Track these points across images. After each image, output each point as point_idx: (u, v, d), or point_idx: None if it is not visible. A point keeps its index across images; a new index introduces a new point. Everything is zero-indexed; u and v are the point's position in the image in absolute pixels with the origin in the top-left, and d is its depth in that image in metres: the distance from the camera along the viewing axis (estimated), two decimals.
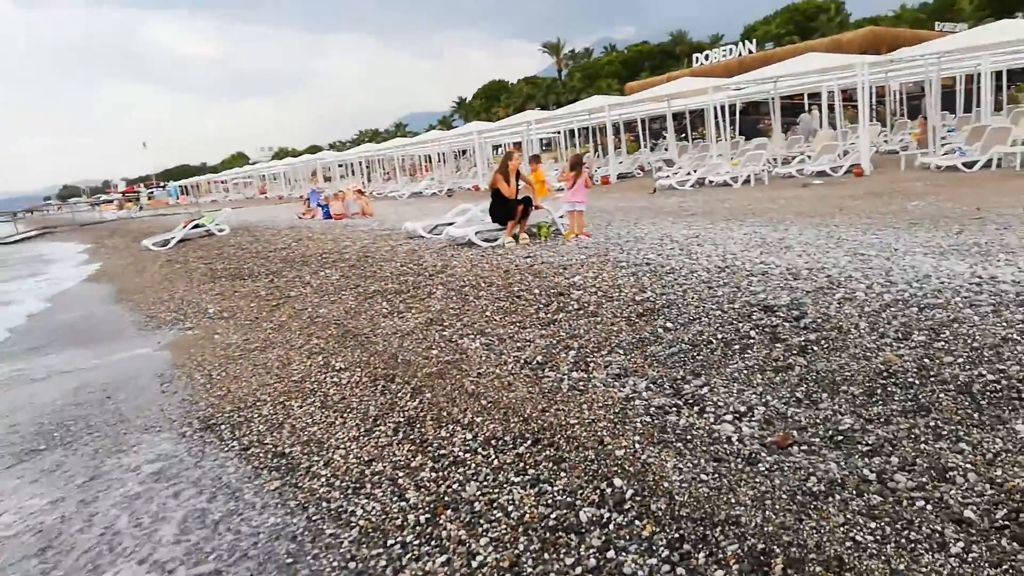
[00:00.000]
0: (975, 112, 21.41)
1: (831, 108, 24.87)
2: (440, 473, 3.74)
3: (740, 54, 42.89)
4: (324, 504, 3.67)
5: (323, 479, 3.95)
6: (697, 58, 47.16)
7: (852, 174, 16.52)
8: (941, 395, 3.56)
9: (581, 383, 4.49)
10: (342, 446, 4.32)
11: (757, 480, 3.06)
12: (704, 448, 3.42)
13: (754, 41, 46.50)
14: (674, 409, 3.93)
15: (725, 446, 3.43)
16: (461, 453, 3.88)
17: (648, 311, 5.57)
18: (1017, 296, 4.65)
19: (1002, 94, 23.85)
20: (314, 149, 79.44)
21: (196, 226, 19.39)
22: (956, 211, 9.75)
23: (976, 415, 3.35)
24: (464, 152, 44.03)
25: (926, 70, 20.01)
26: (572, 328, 5.57)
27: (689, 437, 3.56)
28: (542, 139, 39.89)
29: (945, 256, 6.51)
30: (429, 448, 4.03)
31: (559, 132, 35.56)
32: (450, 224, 11.69)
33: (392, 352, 5.86)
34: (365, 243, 12.62)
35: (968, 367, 3.76)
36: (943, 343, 4.10)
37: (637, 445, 3.51)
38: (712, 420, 3.74)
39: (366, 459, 4.08)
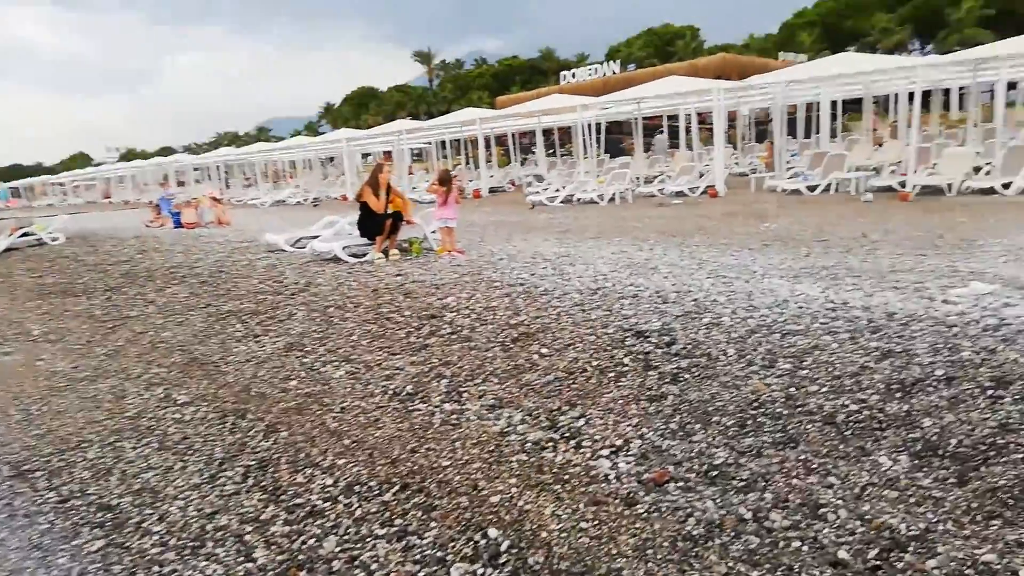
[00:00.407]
0: (815, 138, 23.24)
1: (688, 130, 26.21)
2: (295, 527, 3.36)
3: (605, 74, 44.49)
4: (156, 569, 3.19)
5: (156, 537, 3.45)
6: (565, 76, 48.47)
7: (708, 195, 17.39)
8: (808, 426, 3.61)
9: (454, 416, 4.24)
10: (181, 496, 3.81)
11: (637, 526, 2.93)
12: (582, 489, 3.26)
13: (618, 62, 48.41)
14: (551, 444, 3.76)
15: (603, 485, 3.29)
16: (320, 502, 3.52)
17: (523, 336, 5.41)
18: (869, 323, 4.88)
19: (837, 122, 26.07)
20: (167, 151, 74.50)
21: (25, 234, 17.39)
22: (803, 234, 10.39)
23: (841, 446, 3.41)
24: (332, 159, 42.73)
25: (773, 97, 21.49)
26: (445, 354, 5.31)
27: (567, 477, 3.40)
28: (413, 149, 39.44)
29: (799, 279, 6.82)
30: (283, 497, 3.63)
31: (430, 143, 35.28)
32: (315, 237, 11.10)
33: (244, 383, 5.35)
34: (219, 256, 11.75)
35: (832, 396, 3.85)
36: (807, 371, 4.20)
37: (514, 489, 3.30)
38: (589, 456, 3.61)
39: (208, 511, 3.61)
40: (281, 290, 8.33)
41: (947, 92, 24.78)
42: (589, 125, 21.85)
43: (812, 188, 16.10)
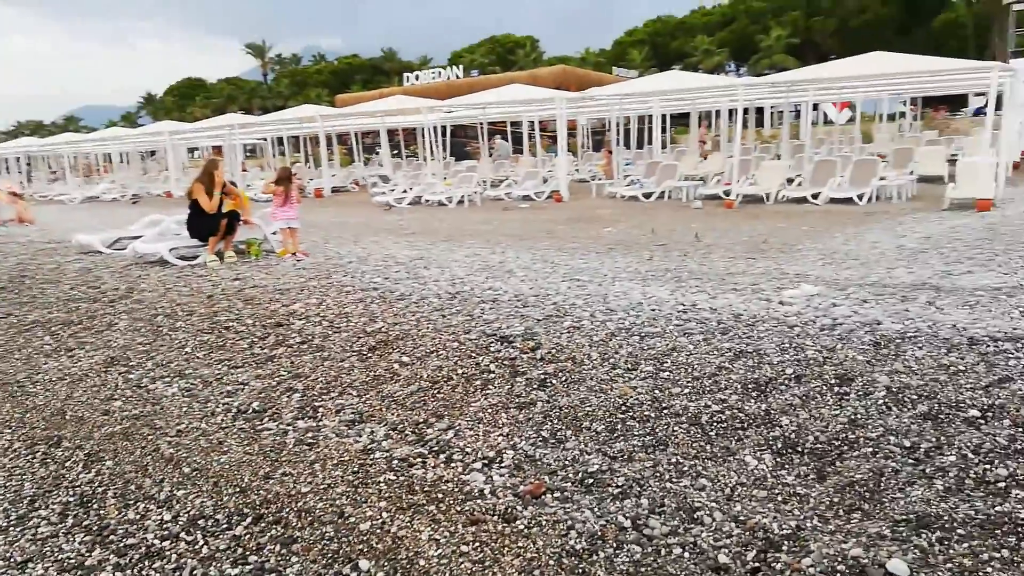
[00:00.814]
0: (647, 148, 24.58)
1: (530, 136, 26.79)
2: (128, 572, 2.89)
3: (449, 78, 44.53)
4: None
5: None
6: (408, 77, 47.98)
7: (553, 199, 17.82)
8: (675, 428, 3.65)
9: (310, 435, 3.89)
10: None
11: (520, 544, 2.78)
12: (458, 508, 3.07)
13: (461, 67, 48.66)
14: (420, 460, 3.54)
15: (479, 502, 3.12)
16: (157, 541, 3.06)
17: (381, 343, 5.12)
18: (719, 324, 5.09)
19: (666, 134, 27.73)
20: None
21: None
22: (643, 238, 10.84)
23: (709, 447, 3.47)
24: (153, 153, 39.40)
25: (610, 109, 22.44)
26: (295, 365, 4.91)
27: (440, 495, 3.19)
28: (246, 145, 37.25)
29: (647, 282, 7.05)
30: (112, 537, 3.13)
31: (266, 139, 33.49)
32: (137, 238, 10.05)
33: (58, 406, 4.64)
34: (21, 259, 10.35)
35: (694, 397, 3.93)
36: (668, 373, 4.28)
37: (384, 514, 3.04)
38: (461, 470, 3.42)
39: (19, 559, 3.04)
40: (98, 297, 7.42)
41: (760, 111, 27.17)
42: (435, 127, 21.69)
43: (648, 195, 16.95)
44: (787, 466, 3.24)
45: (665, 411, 3.82)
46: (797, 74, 17.05)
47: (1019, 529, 2.60)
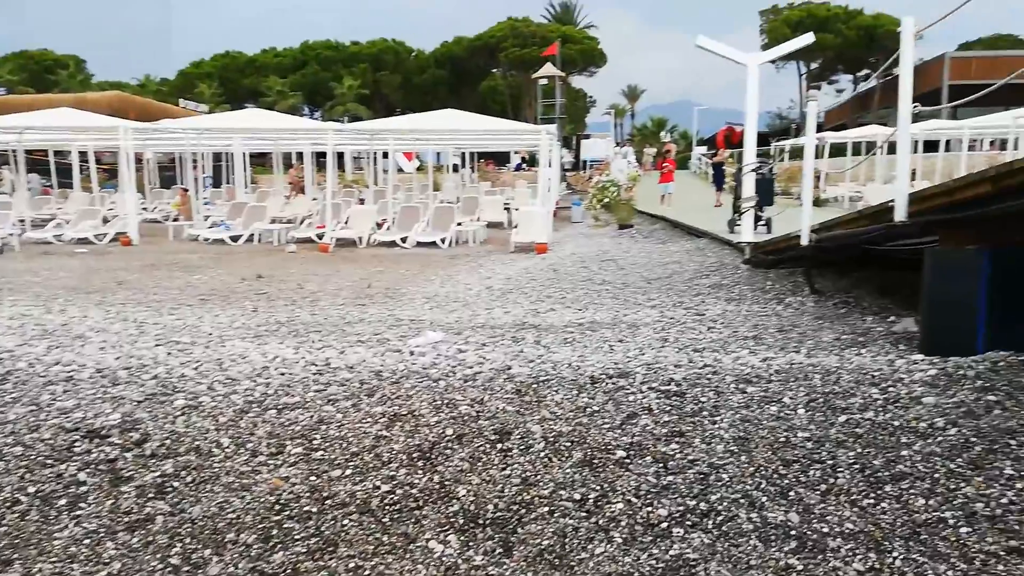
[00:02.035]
0: (225, 188, 23.06)
1: (82, 169, 22.97)
2: None
3: None
4: None
5: None
6: None
7: (119, 243, 15.38)
8: (345, 521, 3.13)
9: None
10: None
11: None
12: None
13: None
14: None
15: None
16: None
17: None
18: (362, 385, 4.69)
19: (247, 173, 26.45)
20: None
21: None
22: (240, 287, 9.91)
23: (386, 538, 3.04)
24: None
25: (183, 143, 20.46)
26: None
27: None
28: None
29: (263, 340, 6.31)
30: None
31: None
32: None
33: None
34: None
35: (358, 479, 3.45)
36: (322, 452, 3.72)
37: None
38: None
39: None
40: None
41: (341, 155, 27.80)
42: None
43: (235, 238, 15.76)
44: (472, 544, 2.99)
45: (329, 502, 3.27)
46: (380, 123, 17.77)
47: (694, 573, 2.74)
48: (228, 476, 3.48)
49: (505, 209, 20.43)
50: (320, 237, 15.33)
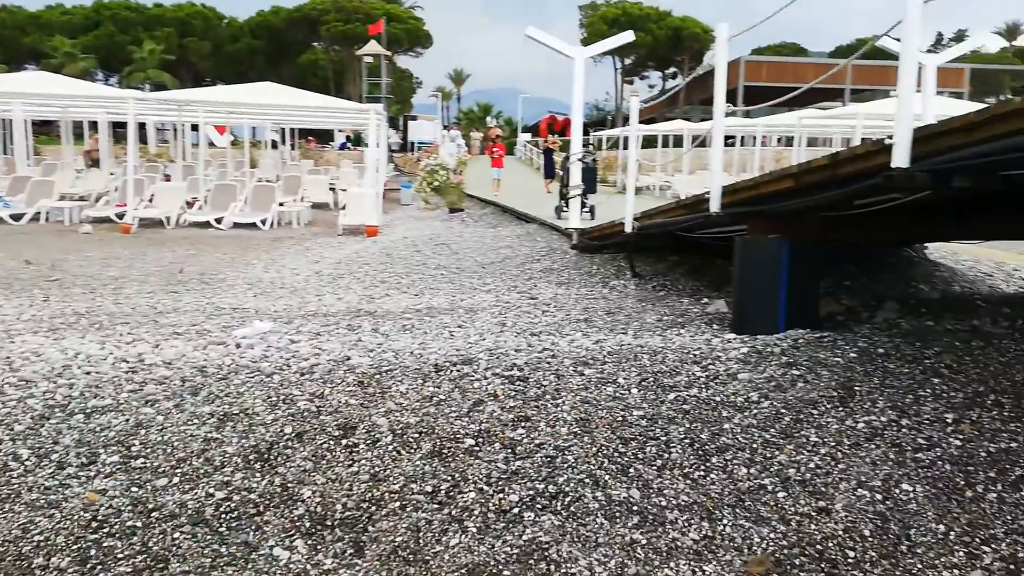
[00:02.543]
0: (2, 159, 20.25)
1: None
2: None
3: None
4: None
5: None
6: None
7: None
8: (176, 535, 2.86)
9: None
10: None
11: None
12: None
13: None
14: None
15: None
16: None
17: None
18: (184, 382, 4.30)
19: (28, 143, 23.36)
20: None
21: None
22: (27, 272, 8.79)
23: (224, 548, 2.81)
24: None
25: None
26: None
27: None
28: None
29: (60, 334, 5.62)
30: None
31: None
32: None
33: None
34: None
35: (188, 487, 3.16)
36: (143, 460, 3.36)
37: None
38: None
39: None
40: None
41: (143, 126, 25.30)
42: None
43: (17, 217, 13.89)
44: (321, 547, 2.86)
45: (155, 514, 2.97)
46: (190, 93, 16.40)
47: (548, 555, 2.80)
48: (31, 493, 3.05)
49: (331, 189, 19.72)
50: (121, 217, 13.91)
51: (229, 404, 3.95)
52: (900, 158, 3.83)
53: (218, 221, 14.35)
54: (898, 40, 4.86)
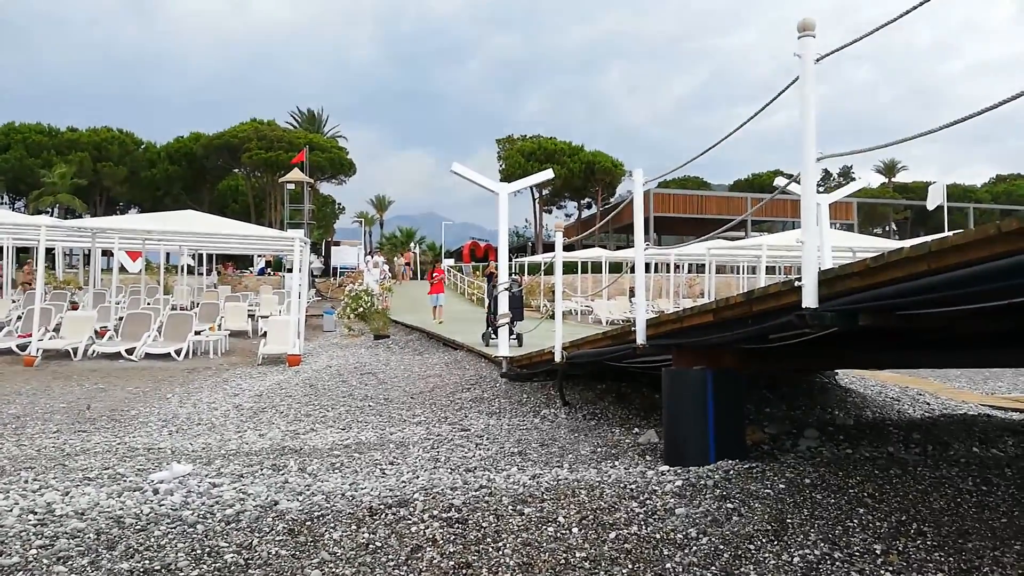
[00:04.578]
0: None
1: None
2: None
3: None
4: None
5: None
6: None
7: None
8: None
9: None
10: None
11: None
12: None
13: None
14: None
15: None
16: None
17: None
18: (99, 535, 3.99)
19: None
20: None
21: None
22: None
23: None
24: None
25: None
26: None
27: None
28: None
29: None
30: None
31: None
32: None
33: None
34: None
35: None
36: None
37: None
38: None
39: None
40: None
41: (50, 251, 24.46)
42: None
43: None
44: None
45: None
46: (106, 221, 16.10)
47: None
48: None
49: (250, 316, 19.31)
50: (23, 348, 13.16)
51: (150, 559, 3.68)
52: (809, 299, 4.15)
53: (129, 352, 13.76)
54: (788, 178, 5.37)
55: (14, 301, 18.51)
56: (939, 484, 4.80)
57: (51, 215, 36.42)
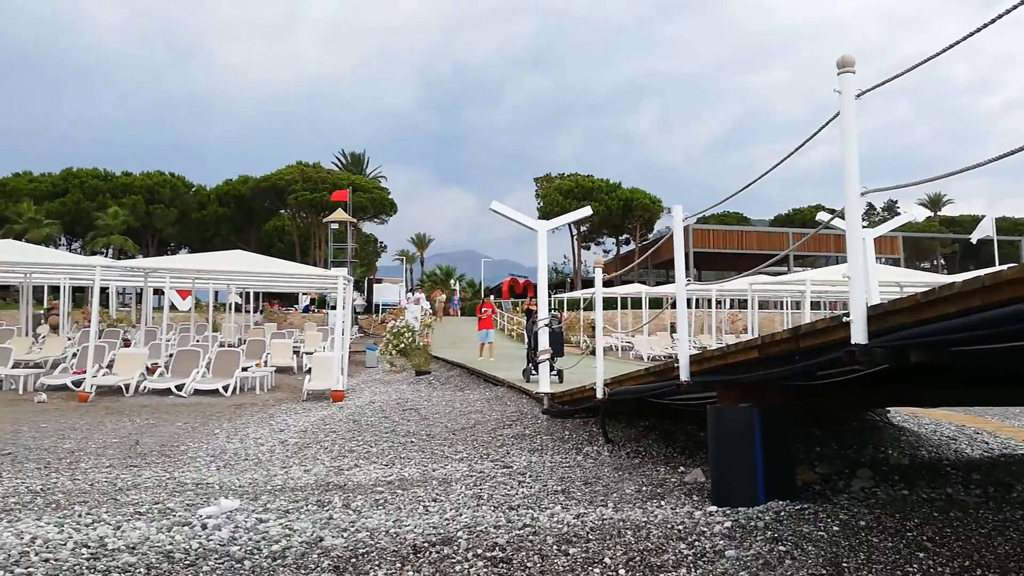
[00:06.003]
0: None
1: None
2: None
3: None
4: None
5: None
6: None
7: None
8: None
9: None
10: None
11: None
12: None
13: None
14: None
15: None
16: None
17: None
18: (150, 570, 4.07)
19: None
20: None
21: None
22: None
23: None
24: None
25: None
26: None
27: None
28: None
29: (16, 515, 5.32)
30: None
31: None
32: None
33: None
34: None
35: None
36: None
37: None
38: None
39: None
40: None
41: (105, 291, 25.32)
42: None
43: None
44: None
45: None
46: (158, 262, 16.64)
47: None
48: None
49: (295, 353, 19.64)
50: (78, 384, 13.57)
51: None
52: (859, 334, 4.08)
53: (179, 388, 14.08)
54: (833, 213, 5.31)
55: (69, 339, 19.15)
56: (1003, 528, 4.61)
57: (105, 256, 37.77)
